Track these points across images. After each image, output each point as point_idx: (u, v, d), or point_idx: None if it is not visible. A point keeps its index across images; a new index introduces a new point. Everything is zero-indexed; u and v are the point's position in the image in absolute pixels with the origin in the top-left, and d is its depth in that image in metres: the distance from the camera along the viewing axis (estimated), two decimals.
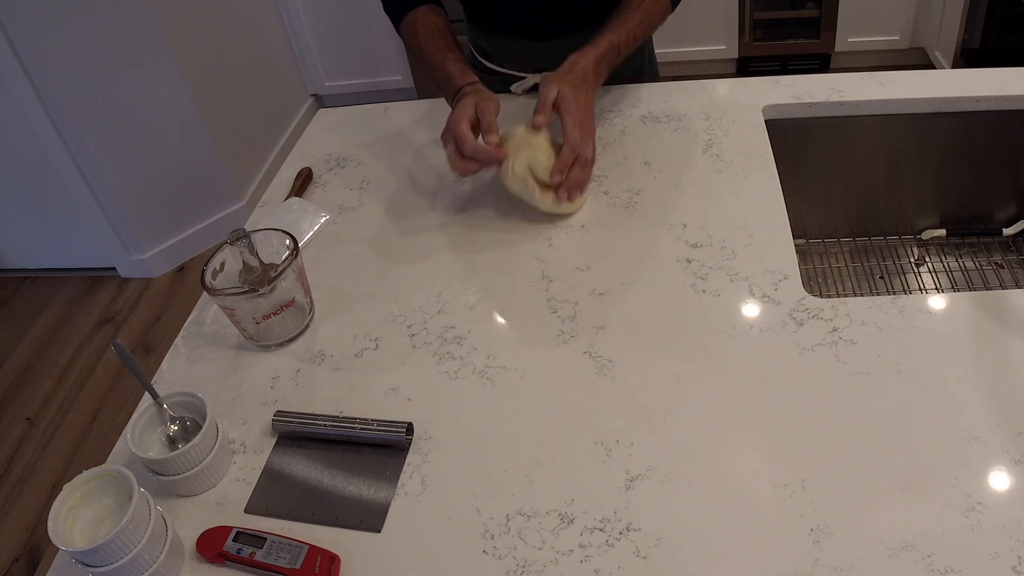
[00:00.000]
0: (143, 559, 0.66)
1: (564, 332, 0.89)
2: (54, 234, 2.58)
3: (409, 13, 1.17)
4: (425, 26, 1.15)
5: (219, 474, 0.79)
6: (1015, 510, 0.66)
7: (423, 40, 1.14)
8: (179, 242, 2.62)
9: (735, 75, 3.13)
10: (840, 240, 1.33)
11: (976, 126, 1.19)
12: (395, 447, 0.79)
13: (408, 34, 1.18)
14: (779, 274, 0.92)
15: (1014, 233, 1.28)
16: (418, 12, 1.17)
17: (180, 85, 2.37)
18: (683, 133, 1.18)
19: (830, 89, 1.21)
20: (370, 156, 1.25)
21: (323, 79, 3.16)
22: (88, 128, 2.27)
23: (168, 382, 0.91)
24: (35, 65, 2.12)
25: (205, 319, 0.99)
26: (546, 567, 0.67)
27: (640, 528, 0.69)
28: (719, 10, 2.93)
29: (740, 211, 1.02)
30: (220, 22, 2.61)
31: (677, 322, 0.88)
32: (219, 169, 2.58)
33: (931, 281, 1.27)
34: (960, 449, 0.71)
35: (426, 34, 1.14)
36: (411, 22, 1.17)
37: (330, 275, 1.02)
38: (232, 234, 0.91)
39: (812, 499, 0.69)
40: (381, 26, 2.95)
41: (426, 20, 1.16)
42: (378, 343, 0.92)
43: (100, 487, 0.70)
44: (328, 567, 0.68)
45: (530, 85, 1.29)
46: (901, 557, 0.64)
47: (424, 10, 1.17)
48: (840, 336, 0.83)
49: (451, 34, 1.16)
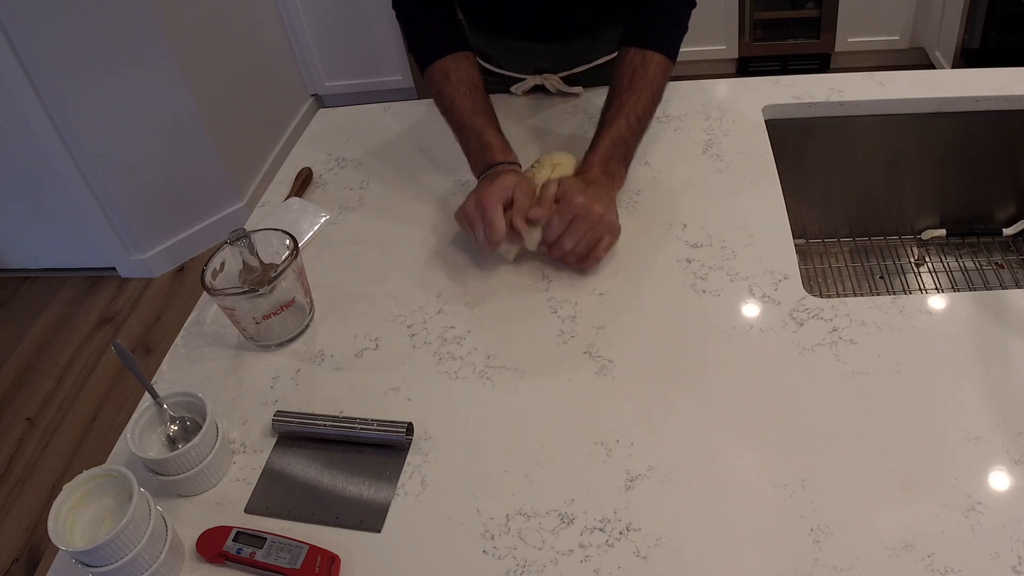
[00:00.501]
0: (143, 559, 0.66)
1: (564, 332, 0.89)
2: (54, 234, 2.58)
3: (442, 60, 1.08)
4: (461, 80, 1.07)
5: (219, 474, 0.79)
6: (1015, 510, 0.66)
7: (459, 96, 1.06)
8: (179, 242, 2.62)
9: (735, 75, 3.13)
10: (840, 240, 1.33)
11: (976, 126, 1.19)
12: (395, 447, 0.79)
13: (440, 82, 1.08)
14: (779, 274, 0.92)
15: (1014, 233, 1.28)
16: (451, 60, 1.08)
17: (180, 85, 2.37)
18: (683, 133, 1.18)
19: (830, 89, 1.21)
20: (370, 156, 1.25)
21: (323, 79, 3.16)
22: (88, 128, 2.27)
23: (168, 382, 0.91)
24: (35, 65, 2.12)
25: (205, 319, 0.99)
26: (546, 567, 0.67)
27: (640, 528, 0.69)
28: (719, 10, 2.93)
29: (740, 211, 1.02)
30: (220, 22, 2.61)
31: (677, 322, 0.88)
32: (219, 169, 2.58)
33: (931, 281, 1.27)
34: (960, 449, 0.71)
35: (463, 90, 1.06)
36: (443, 70, 1.08)
37: (330, 275, 1.02)
38: (232, 234, 0.91)
39: (812, 499, 0.69)
40: (381, 26, 2.95)
41: (462, 72, 1.08)
42: (378, 343, 0.92)
43: (100, 487, 0.70)
44: (328, 567, 0.68)
45: (530, 86, 1.29)
46: (901, 557, 0.64)
47: (460, 58, 1.09)
48: (840, 336, 0.83)
49: (487, 95, 1.09)
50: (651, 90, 1.03)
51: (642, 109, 1.02)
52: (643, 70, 1.03)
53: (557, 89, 1.27)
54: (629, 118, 1.01)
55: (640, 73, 1.03)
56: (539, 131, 1.22)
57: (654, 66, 1.03)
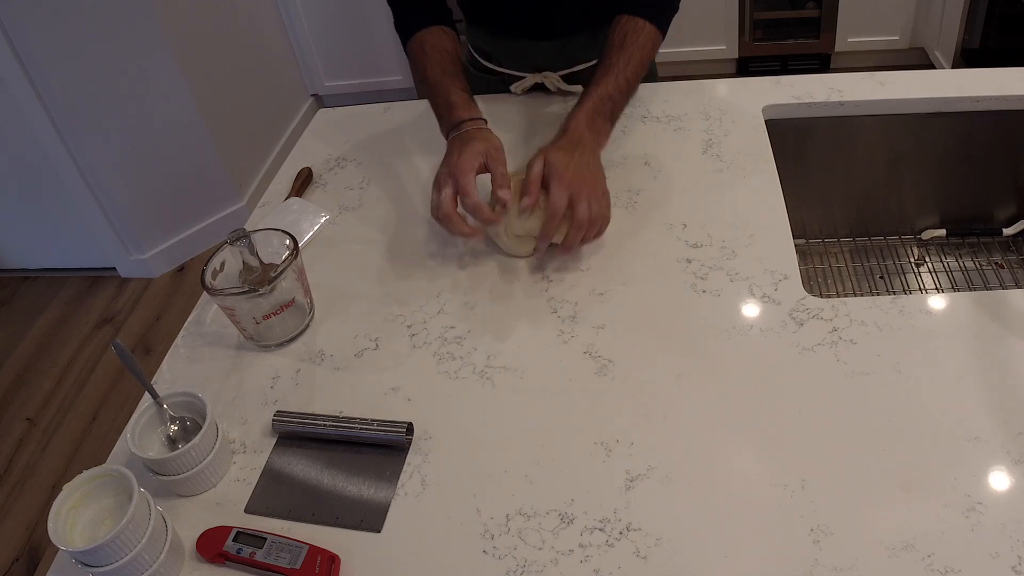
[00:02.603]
0: (143, 559, 0.66)
1: (564, 332, 0.89)
2: (54, 234, 2.58)
3: (419, 32, 1.13)
4: (434, 48, 1.11)
5: (219, 474, 0.79)
6: (1015, 510, 0.66)
7: (430, 61, 1.09)
8: (179, 242, 2.62)
9: (735, 75, 3.13)
10: (840, 240, 1.33)
11: (976, 126, 1.19)
12: (395, 447, 0.79)
13: (416, 53, 1.13)
14: (779, 274, 0.92)
15: (1014, 233, 1.28)
16: (428, 32, 1.12)
17: (180, 85, 2.37)
18: (683, 133, 1.18)
19: (830, 89, 1.21)
20: (370, 156, 1.25)
21: (323, 79, 3.16)
22: (88, 128, 2.27)
23: (168, 382, 0.91)
24: (35, 65, 2.12)
25: (205, 319, 0.99)
26: (546, 567, 0.67)
27: (640, 528, 0.69)
28: (719, 10, 2.93)
29: (740, 211, 1.02)
30: (220, 22, 2.61)
31: (677, 322, 0.88)
32: (219, 169, 2.58)
33: (931, 281, 1.27)
34: (960, 449, 0.71)
35: (435, 57, 1.10)
36: (420, 42, 1.12)
37: (330, 275, 1.02)
38: (232, 234, 0.91)
39: (812, 499, 0.69)
40: (381, 26, 2.96)
41: (436, 42, 1.11)
42: (378, 343, 0.92)
43: (100, 487, 0.70)
44: (328, 567, 0.68)
45: (529, 85, 1.29)
46: (901, 557, 0.64)
47: (435, 31, 1.13)
48: (840, 336, 0.83)
49: (460, 62, 1.12)
50: (641, 56, 1.05)
51: (631, 71, 1.04)
52: (634, 36, 1.05)
53: (557, 87, 1.27)
54: (619, 78, 1.03)
55: (632, 38, 1.05)
56: (539, 130, 1.22)
57: (645, 34, 1.06)
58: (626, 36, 1.05)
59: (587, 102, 1.02)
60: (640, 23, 1.06)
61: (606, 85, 1.02)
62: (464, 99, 1.04)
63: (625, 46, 1.05)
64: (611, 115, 1.03)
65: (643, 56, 1.06)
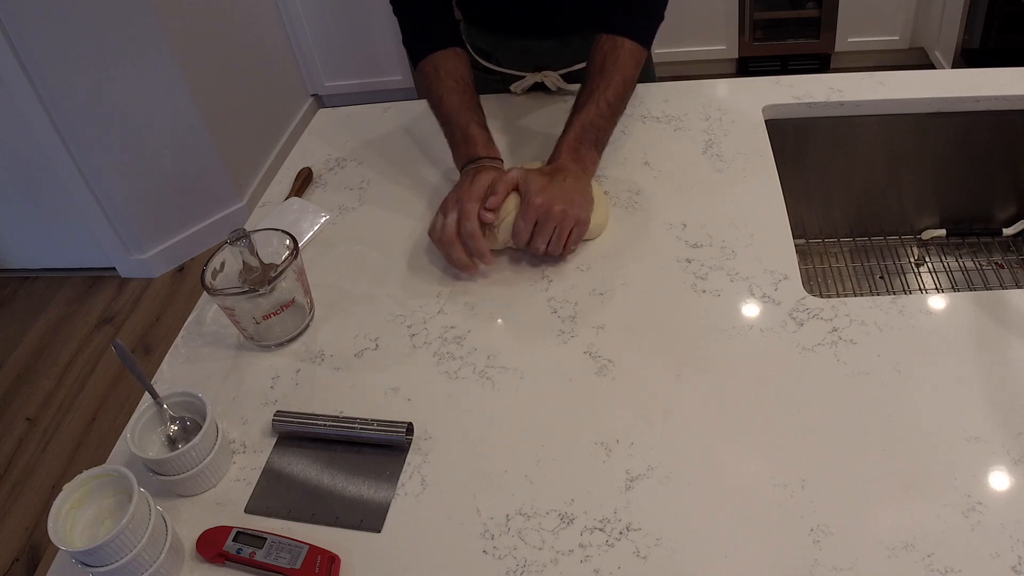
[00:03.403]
0: (143, 559, 0.66)
1: (564, 332, 0.89)
2: (54, 234, 2.58)
3: (432, 54, 1.10)
4: (449, 75, 1.09)
5: (219, 474, 0.79)
6: (1015, 510, 0.66)
7: (446, 89, 1.08)
8: (179, 242, 2.62)
9: (735, 75, 3.13)
10: (840, 240, 1.33)
11: (976, 126, 1.19)
12: (395, 447, 0.79)
13: (430, 76, 1.10)
14: (779, 274, 0.92)
15: (1014, 233, 1.28)
16: (442, 56, 1.10)
17: (180, 85, 2.37)
18: (683, 133, 1.18)
19: (830, 89, 1.21)
20: (370, 156, 1.25)
21: (323, 79, 3.16)
22: (88, 128, 2.26)
23: (168, 382, 0.91)
24: (35, 65, 2.12)
25: (205, 319, 0.99)
26: (546, 567, 0.67)
27: (640, 528, 0.69)
28: (719, 10, 2.93)
29: (740, 211, 1.02)
30: (220, 22, 2.61)
31: (677, 322, 0.88)
32: (219, 169, 2.58)
33: (931, 281, 1.27)
34: (960, 449, 0.71)
35: (450, 84, 1.08)
36: (434, 65, 1.10)
37: (330, 275, 1.02)
38: (232, 234, 0.91)
39: (812, 499, 0.69)
40: (381, 26, 2.95)
41: (452, 68, 1.10)
42: (378, 343, 0.92)
43: (100, 487, 0.70)
44: (328, 567, 0.68)
45: (530, 84, 1.29)
46: (901, 557, 0.64)
47: (449, 55, 1.11)
48: (840, 336, 0.83)
49: (475, 91, 1.11)
50: (622, 76, 1.05)
51: (613, 95, 1.03)
52: (614, 56, 1.04)
53: (557, 87, 1.27)
54: (600, 103, 1.02)
55: (611, 59, 1.04)
56: (539, 129, 1.22)
57: (625, 52, 1.05)
58: (605, 58, 1.05)
59: (569, 133, 1.02)
60: (619, 41, 1.05)
61: (588, 113, 1.02)
62: (484, 136, 1.04)
63: (605, 72, 1.04)
64: (595, 142, 1.03)
65: (624, 76, 1.05)
